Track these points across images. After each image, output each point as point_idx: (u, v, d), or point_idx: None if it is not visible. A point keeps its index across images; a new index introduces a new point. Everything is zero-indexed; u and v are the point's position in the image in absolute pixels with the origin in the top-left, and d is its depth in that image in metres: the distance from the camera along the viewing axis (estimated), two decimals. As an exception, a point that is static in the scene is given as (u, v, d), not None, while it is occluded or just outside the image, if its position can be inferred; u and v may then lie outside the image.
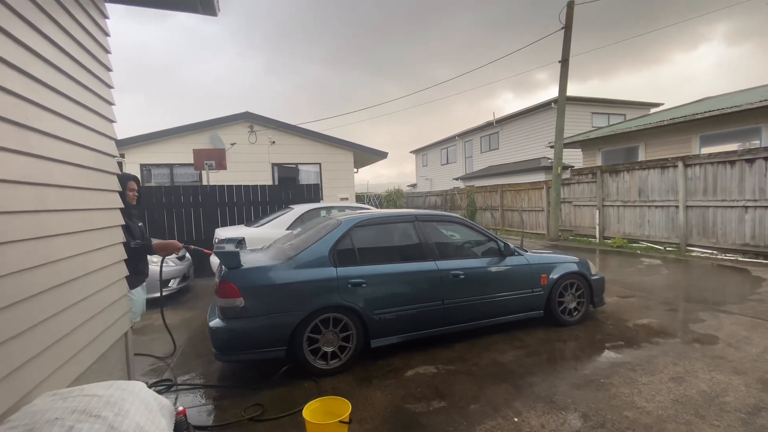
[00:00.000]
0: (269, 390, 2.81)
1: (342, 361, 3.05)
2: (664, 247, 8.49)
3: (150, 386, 2.75)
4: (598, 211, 9.96)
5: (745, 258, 7.12)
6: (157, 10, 2.91)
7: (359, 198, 18.21)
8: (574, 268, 4.09)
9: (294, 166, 12.38)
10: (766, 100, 8.27)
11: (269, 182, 11.60)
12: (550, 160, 12.45)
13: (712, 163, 7.73)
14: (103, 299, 2.22)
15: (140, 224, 3.27)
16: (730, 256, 7.33)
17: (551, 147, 11.69)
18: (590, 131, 14.65)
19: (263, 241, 4.60)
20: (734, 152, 7.54)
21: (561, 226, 10.95)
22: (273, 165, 12.10)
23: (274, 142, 12.05)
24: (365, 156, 13.58)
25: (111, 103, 2.54)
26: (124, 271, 2.60)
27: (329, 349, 3.03)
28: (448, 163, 26.05)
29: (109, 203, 2.41)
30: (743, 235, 7.28)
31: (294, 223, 6.01)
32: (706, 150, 9.75)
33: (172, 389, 2.89)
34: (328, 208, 6.47)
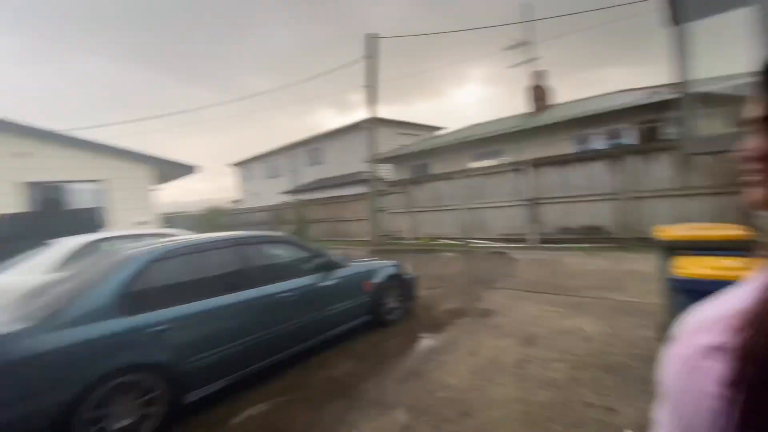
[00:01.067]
0: None
1: (144, 434, 2.42)
2: (456, 242, 10.54)
3: None
4: (407, 217, 11.56)
5: (504, 244, 9.56)
6: None
7: (168, 219, 15.56)
8: (393, 271, 4.53)
9: (60, 184, 9.40)
10: (506, 129, 11.45)
11: (18, 208, 8.47)
12: (369, 174, 13.75)
13: (479, 175, 10.10)
14: None
15: None
16: (497, 244, 9.69)
17: (367, 162, 12.88)
18: (397, 148, 16.91)
19: (2, 294, 3.25)
20: (492, 166, 10.09)
21: (381, 233, 12.15)
22: (27, 184, 8.93)
23: (26, 153, 8.91)
24: (170, 170, 11.63)
25: None
26: None
27: (124, 424, 2.36)
28: (274, 176, 25.34)
29: None
30: (503, 227, 9.78)
31: (59, 263, 4.46)
32: (476, 164, 12.70)
33: None
34: (116, 239, 5.09)
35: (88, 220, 6.95)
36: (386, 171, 16.74)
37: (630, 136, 10.03)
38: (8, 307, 2.67)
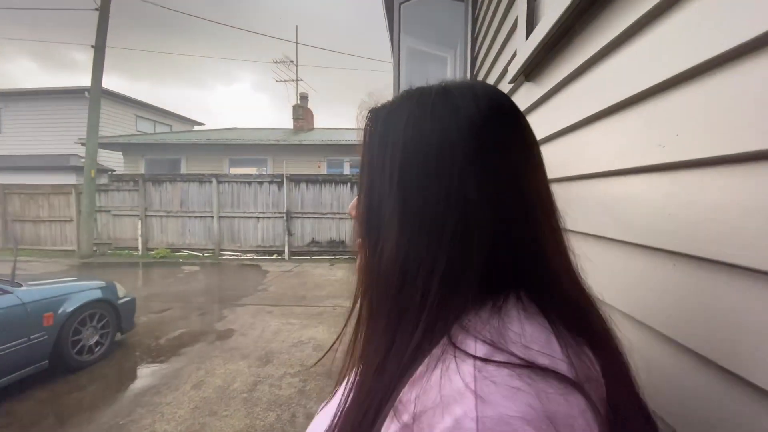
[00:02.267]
0: None
1: None
2: (203, 254, 9.44)
3: None
4: (141, 221, 9.44)
5: (258, 256, 9.35)
6: None
7: None
8: (97, 295, 3.44)
9: None
10: (269, 140, 11.43)
11: None
12: (83, 160, 10.34)
13: (237, 182, 9.54)
14: None
15: None
16: (249, 256, 9.34)
17: (83, 144, 9.75)
18: (134, 135, 13.77)
19: None
20: (251, 175, 9.75)
21: (97, 240, 9.37)
22: None
23: None
24: None
25: None
26: None
27: None
28: None
29: None
30: (257, 239, 9.55)
31: None
32: (234, 170, 11.98)
33: None
34: None
35: None
36: (115, 160, 13.28)
37: (368, 167, 12.13)
38: None
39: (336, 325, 4.41)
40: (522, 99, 1.18)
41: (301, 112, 14.70)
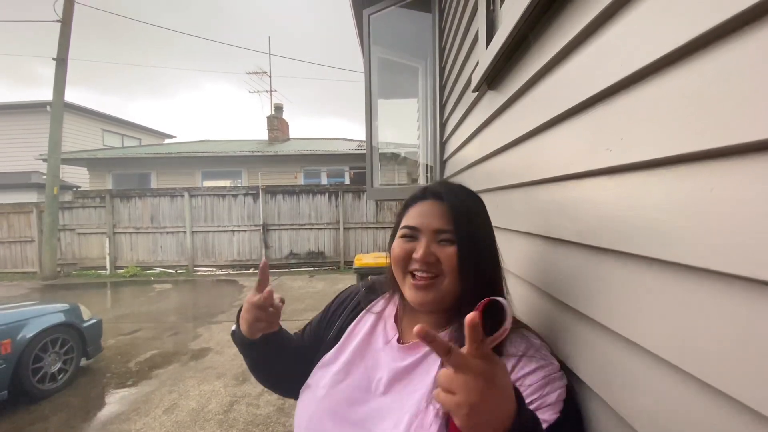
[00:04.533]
0: None
1: None
2: (176, 270, 9.11)
3: None
4: (108, 239, 9.03)
5: (234, 271, 9.10)
6: None
7: None
8: (59, 319, 3.25)
9: None
10: (244, 152, 11.24)
11: None
12: (44, 177, 9.84)
13: (210, 195, 9.30)
14: None
15: None
16: (225, 271, 9.08)
17: (45, 160, 9.31)
18: (100, 149, 13.26)
19: None
20: (225, 188, 9.54)
21: (61, 260, 8.90)
22: None
23: None
24: None
25: None
26: None
27: None
28: None
29: None
30: (233, 253, 9.31)
31: None
32: (207, 183, 11.68)
33: None
34: None
35: None
36: (80, 176, 12.73)
37: (347, 177, 12.11)
38: None
39: (316, 338, 4.32)
40: (485, 107, 1.21)
41: (276, 123, 14.57)
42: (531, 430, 0.40)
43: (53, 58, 8.71)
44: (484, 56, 1.07)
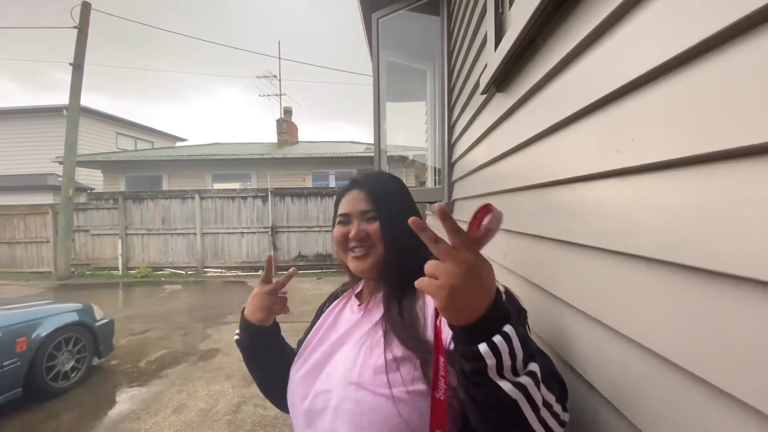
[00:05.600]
0: None
1: None
2: (186, 272, 9.22)
3: None
4: (121, 240, 9.18)
5: (243, 272, 9.18)
6: None
7: None
8: (73, 318, 3.31)
9: None
10: (253, 155, 11.35)
11: None
12: (60, 179, 10.06)
13: (220, 197, 9.41)
14: None
15: None
16: (234, 273, 9.16)
17: (60, 163, 9.52)
18: (114, 152, 13.52)
19: None
20: (234, 190, 9.64)
21: (75, 260, 9.07)
22: None
23: None
24: None
25: None
26: None
27: None
28: None
29: None
30: (242, 255, 9.39)
31: None
32: (217, 186, 11.82)
33: None
34: None
35: None
36: (94, 178, 12.98)
37: (354, 180, 12.15)
38: None
39: (323, 340, 4.33)
40: (494, 110, 1.21)
41: (285, 126, 14.70)
42: (503, 320, 0.44)
43: (70, 64, 8.93)
44: (493, 59, 1.07)
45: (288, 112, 15.37)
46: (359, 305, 0.78)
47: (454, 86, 2.26)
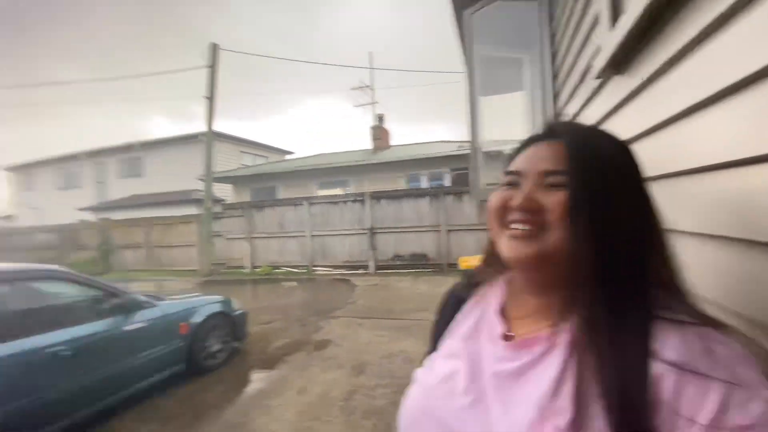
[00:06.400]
0: None
1: None
2: (299, 270, 10.29)
3: None
4: (248, 243, 10.70)
5: (347, 271, 9.85)
6: None
7: None
8: (217, 308, 3.99)
9: None
10: (351, 162, 12.15)
11: None
12: (201, 193, 12.23)
13: (325, 203, 10.29)
14: None
15: None
16: (339, 271, 9.90)
17: (202, 180, 11.50)
18: (239, 168, 15.77)
19: None
20: (337, 195, 10.45)
21: (214, 261, 10.86)
22: None
23: None
24: None
25: None
26: None
27: None
28: (69, 187, 19.87)
29: None
30: (345, 254, 10.10)
31: None
32: (321, 192, 12.93)
33: None
34: None
35: None
36: (225, 191, 15.32)
37: (448, 179, 12.05)
38: None
39: (425, 338, 4.40)
40: (611, 93, 1.11)
41: (379, 132, 15.31)
42: None
43: (204, 97, 10.74)
44: (609, 39, 0.99)
45: (380, 118, 15.99)
46: (504, 331, 0.52)
47: (558, 72, 2.11)
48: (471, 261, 3.46)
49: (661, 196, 0.85)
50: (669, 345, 0.38)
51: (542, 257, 0.46)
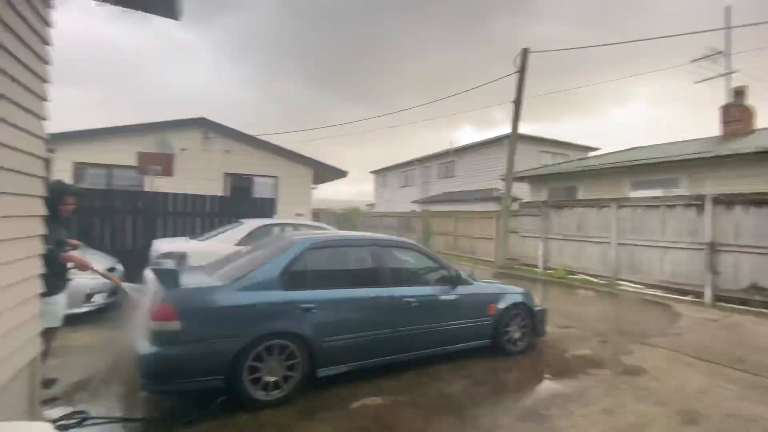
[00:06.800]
0: (201, 424, 2.57)
1: (284, 392, 2.87)
2: (599, 280, 9.16)
3: (58, 420, 2.40)
4: (542, 243, 10.61)
5: (664, 293, 7.87)
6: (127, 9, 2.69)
7: (315, 215, 17.93)
8: (519, 299, 4.26)
9: (249, 177, 11.94)
10: (684, 155, 9.46)
11: (220, 193, 11.04)
12: (501, 191, 13.19)
13: (639, 206, 8.58)
14: (8, 321, 1.92)
15: (64, 232, 3.01)
16: (652, 291, 8.06)
17: (502, 179, 12.36)
18: (537, 168, 15.75)
19: (208, 256, 4.30)
20: (658, 197, 8.46)
21: (508, 255, 11.48)
22: (226, 175, 11.57)
23: (228, 151, 11.56)
24: (325, 173, 13.48)
25: (44, 99, 2.29)
26: (38, 287, 2.29)
27: (272, 379, 2.84)
28: (406, 186, 26.61)
29: (29, 210, 2.14)
30: (664, 272, 8.08)
31: (244, 239, 5.71)
32: (636, 194, 10.83)
33: (87, 423, 2.53)
34: (282, 225, 6.29)
35: (264, 207, 8.71)
36: (522, 191, 15.77)
37: None
38: (210, 267, 3.53)
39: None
40: None
41: (735, 113, 11.05)
42: None
43: (512, 101, 11.41)
44: None
45: (739, 93, 11.46)
46: None
47: None
48: None
49: None
50: None
51: None
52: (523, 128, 12.63)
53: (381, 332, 3.35)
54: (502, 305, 4.12)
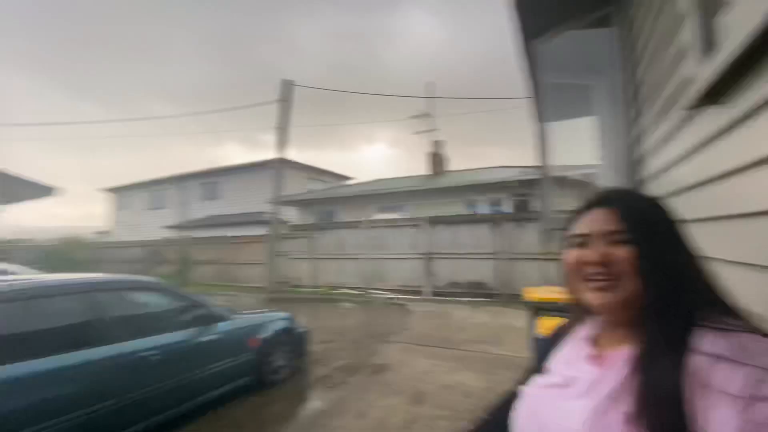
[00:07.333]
0: None
1: None
2: (357, 292, 10.47)
3: None
4: (310, 263, 11.19)
5: (403, 295, 9.82)
6: None
7: (3, 250, 12.33)
8: (283, 324, 4.21)
9: None
10: (408, 187, 12.36)
11: None
12: (270, 214, 13.13)
13: (382, 226, 10.50)
14: None
15: None
16: (395, 295, 9.90)
17: (270, 203, 12.36)
18: (304, 193, 16.74)
19: None
20: (394, 219, 10.62)
21: (279, 279, 11.46)
22: None
23: None
24: (17, 189, 9.49)
25: None
26: None
27: None
28: (158, 208, 22.47)
29: None
30: (402, 279, 10.12)
31: None
32: (381, 216, 13.22)
33: None
34: None
35: None
36: (291, 214, 16.27)
37: (508, 205, 11.69)
38: None
39: (484, 372, 4.22)
40: (704, 124, 1.06)
41: (436, 159, 15.44)
42: None
43: (276, 128, 11.70)
44: (703, 69, 0.97)
45: (439, 144, 16.15)
46: (592, 354, 0.64)
47: (636, 98, 2.03)
48: (537, 292, 3.30)
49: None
50: (707, 341, 0.50)
51: (622, 303, 0.59)
52: (293, 155, 13.11)
53: (109, 403, 2.49)
54: (265, 335, 3.94)
